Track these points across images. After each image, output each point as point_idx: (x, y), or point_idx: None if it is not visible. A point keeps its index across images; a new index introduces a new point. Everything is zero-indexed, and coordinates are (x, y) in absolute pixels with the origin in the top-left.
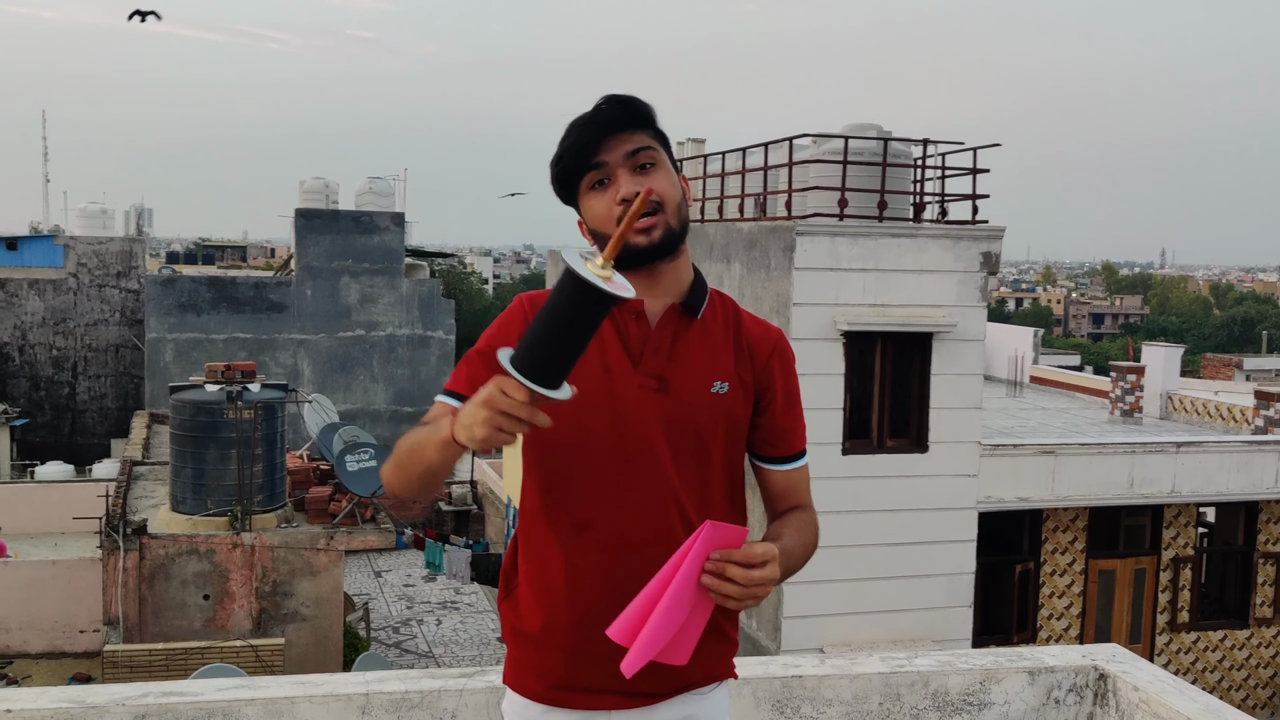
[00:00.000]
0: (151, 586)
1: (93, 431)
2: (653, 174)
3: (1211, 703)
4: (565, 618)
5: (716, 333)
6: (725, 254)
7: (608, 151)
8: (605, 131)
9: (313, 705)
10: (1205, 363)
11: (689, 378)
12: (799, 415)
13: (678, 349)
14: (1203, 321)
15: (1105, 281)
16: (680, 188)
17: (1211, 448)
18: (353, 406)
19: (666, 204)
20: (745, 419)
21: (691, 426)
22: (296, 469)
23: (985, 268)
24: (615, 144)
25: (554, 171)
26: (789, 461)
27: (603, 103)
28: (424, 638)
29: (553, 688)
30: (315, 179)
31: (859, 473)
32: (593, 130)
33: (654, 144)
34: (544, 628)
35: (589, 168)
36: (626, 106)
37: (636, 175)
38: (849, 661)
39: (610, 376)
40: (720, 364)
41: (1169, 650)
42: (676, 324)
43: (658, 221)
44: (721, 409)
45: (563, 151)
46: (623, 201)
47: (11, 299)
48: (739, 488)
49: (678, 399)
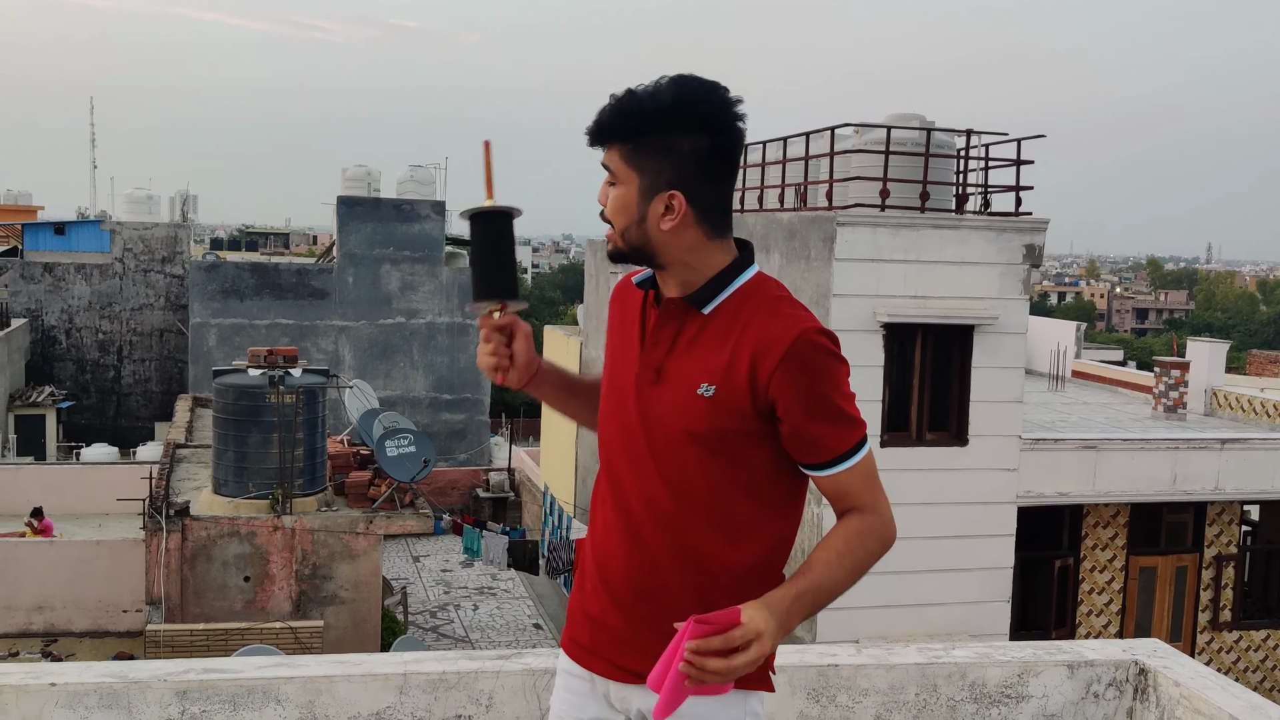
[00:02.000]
0: (193, 568)
1: (137, 414)
2: (612, 189)
3: (1254, 699)
4: (584, 578)
5: (721, 332)
6: (765, 244)
7: (606, 157)
8: (592, 141)
9: (351, 684)
10: (1251, 359)
11: (682, 374)
12: (830, 418)
13: (679, 343)
14: (1249, 318)
15: (1150, 276)
16: (636, 208)
17: (1257, 445)
18: (393, 393)
19: (612, 222)
20: (736, 425)
21: (671, 422)
22: (337, 454)
23: (1028, 260)
24: (603, 152)
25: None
26: (829, 467)
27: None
28: (461, 622)
29: (569, 641)
30: (357, 167)
31: (897, 465)
32: (589, 138)
33: (617, 161)
34: (578, 584)
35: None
36: (598, 122)
37: (606, 187)
38: (885, 651)
39: (626, 363)
40: (714, 365)
41: (1210, 649)
42: (681, 317)
43: (609, 236)
44: (702, 411)
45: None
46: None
47: (59, 283)
48: (737, 492)
49: (665, 393)
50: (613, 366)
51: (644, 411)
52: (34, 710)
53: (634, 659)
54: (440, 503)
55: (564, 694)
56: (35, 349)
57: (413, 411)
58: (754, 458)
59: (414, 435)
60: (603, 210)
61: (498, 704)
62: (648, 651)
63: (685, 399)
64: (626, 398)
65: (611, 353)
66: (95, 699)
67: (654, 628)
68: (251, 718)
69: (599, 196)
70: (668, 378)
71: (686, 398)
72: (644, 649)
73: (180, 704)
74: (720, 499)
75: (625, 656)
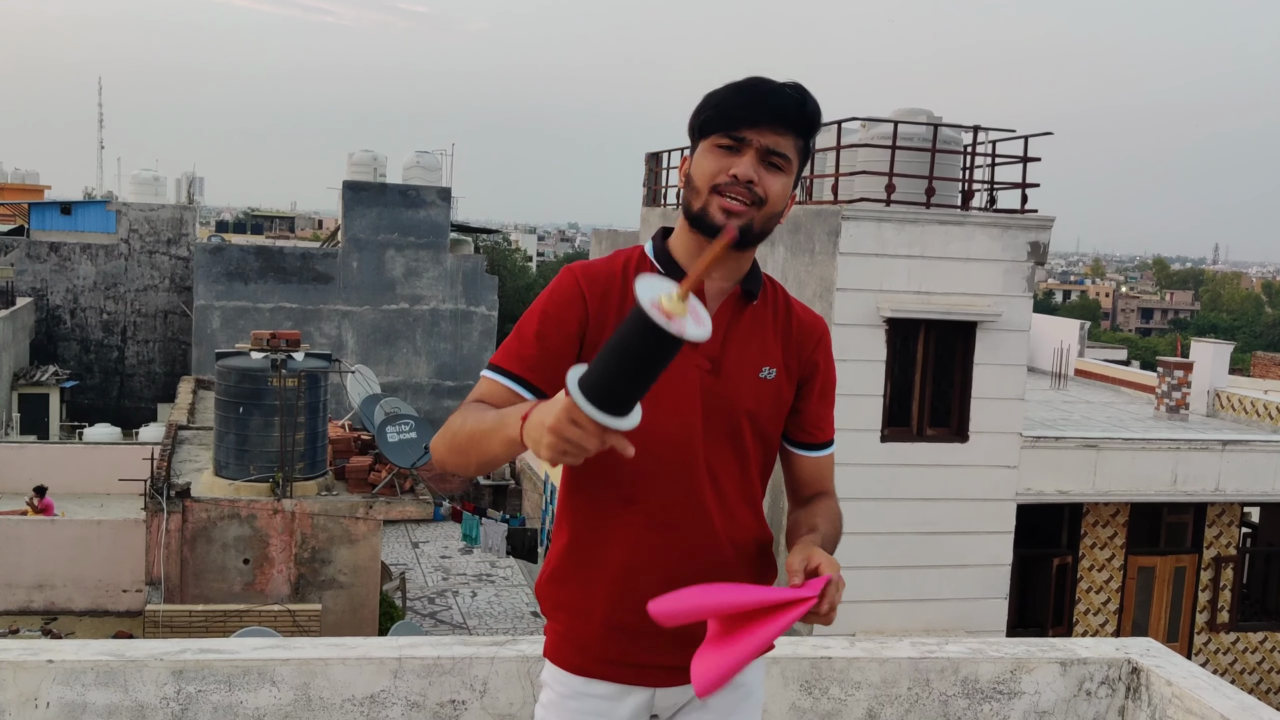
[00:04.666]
0: (193, 549)
1: (140, 395)
2: (774, 176)
3: (1247, 700)
4: (608, 591)
5: (768, 319)
6: (769, 236)
7: (757, 133)
8: (770, 119)
9: (346, 667)
10: (1255, 361)
11: (740, 361)
12: (832, 404)
13: (732, 333)
14: (1254, 320)
15: (1156, 276)
16: (787, 202)
17: (1258, 447)
18: (395, 379)
19: (766, 204)
20: (788, 404)
21: (736, 409)
22: (338, 438)
23: (1033, 258)
24: (768, 132)
25: (702, 113)
26: (820, 449)
27: (790, 89)
28: (459, 609)
29: (595, 660)
30: (363, 152)
31: (897, 460)
32: (762, 112)
33: (794, 156)
34: (587, 601)
35: (731, 135)
36: (802, 110)
37: (761, 167)
38: (879, 645)
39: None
40: (770, 350)
41: (1207, 650)
42: (734, 309)
43: (748, 213)
44: (768, 393)
45: (720, 104)
46: (732, 177)
47: (64, 263)
48: (771, 470)
49: (727, 382)
50: None
51: (708, 403)
52: (31, 686)
53: (687, 657)
54: (440, 489)
55: (585, 718)
56: (40, 328)
57: (414, 397)
58: (775, 437)
59: (415, 421)
60: (750, 184)
61: (492, 690)
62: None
63: (750, 384)
64: (675, 393)
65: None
66: (92, 676)
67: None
68: (247, 698)
69: (740, 171)
70: (727, 367)
71: (751, 383)
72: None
73: (176, 683)
74: (757, 480)
75: (682, 656)
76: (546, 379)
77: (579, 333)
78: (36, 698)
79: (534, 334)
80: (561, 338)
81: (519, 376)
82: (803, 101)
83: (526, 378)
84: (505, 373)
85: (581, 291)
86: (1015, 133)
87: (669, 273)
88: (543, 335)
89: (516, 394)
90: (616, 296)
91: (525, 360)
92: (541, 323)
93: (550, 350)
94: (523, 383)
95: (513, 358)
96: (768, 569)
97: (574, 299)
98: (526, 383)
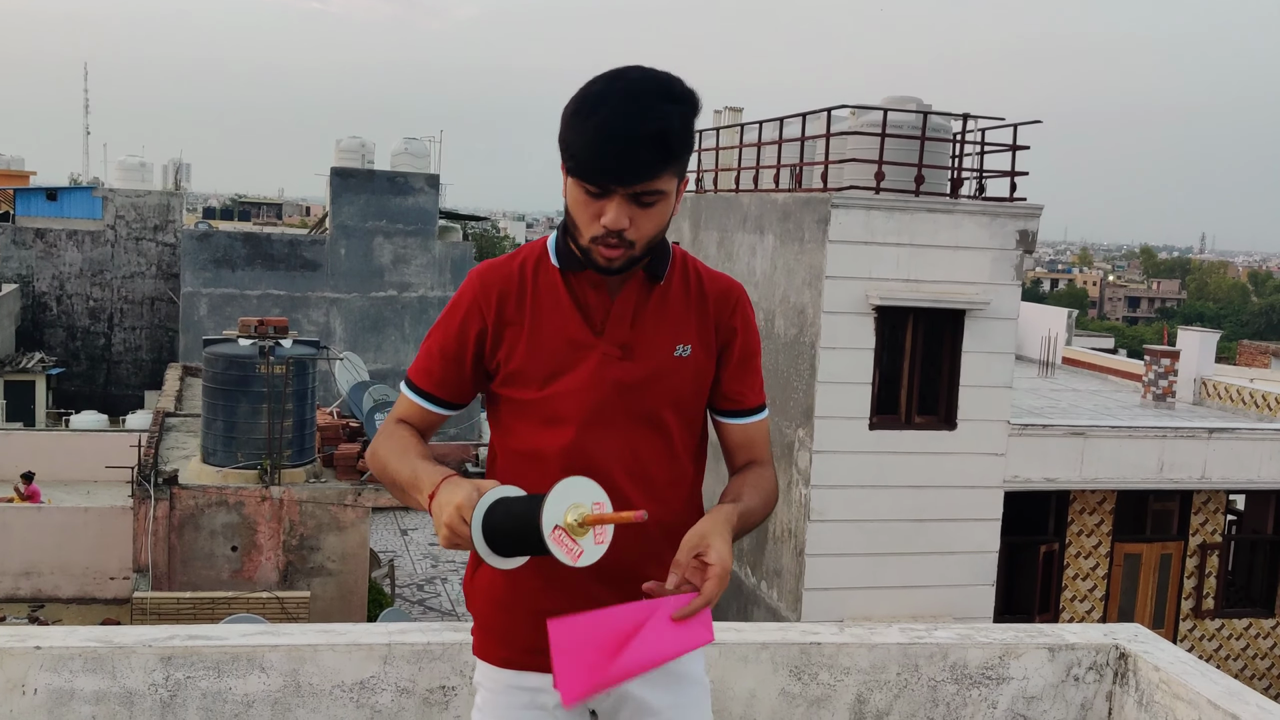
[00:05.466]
0: (181, 536)
1: (127, 382)
2: (647, 212)
3: (1233, 685)
4: (531, 580)
5: (678, 295)
6: (759, 225)
7: (622, 184)
8: (631, 176)
9: (335, 654)
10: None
11: (653, 344)
12: (757, 369)
13: (641, 316)
14: (1240, 308)
15: (1143, 265)
16: (668, 214)
17: (1244, 435)
18: (383, 366)
19: (637, 242)
20: (709, 378)
21: (653, 391)
22: (326, 425)
23: (1021, 246)
24: (633, 183)
25: (565, 149)
26: (748, 415)
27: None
28: (447, 596)
29: (522, 651)
30: (351, 138)
31: (886, 448)
32: (623, 171)
33: (668, 183)
34: (511, 594)
35: (596, 183)
36: (667, 152)
37: (632, 206)
38: (868, 631)
39: (574, 347)
40: (683, 326)
41: (1192, 636)
42: (640, 291)
43: (618, 255)
44: (686, 371)
45: (580, 158)
46: (604, 229)
47: (50, 249)
48: (702, 445)
49: (641, 365)
50: (548, 362)
51: (623, 390)
52: (18, 673)
53: None
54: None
55: (520, 711)
56: (26, 315)
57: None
58: (700, 413)
59: None
60: (621, 233)
61: None
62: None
63: (666, 364)
64: (587, 383)
65: (533, 342)
66: (80, 663)
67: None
68: (235, 685)
69: (609, 221)
70: (638, 351)
71: (667, 363)
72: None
73: (164, 669)
74: (687, 460)
75: None
76: (453, 393)
77: (477, 344)
78: (24, 684)
79: (439, 350)
80: (462, 350)
81: (429, 394)
82: (665, 142)
83: (435, 394)
84: (418, 390)
85: (478, 302)
86: (1004, 121)
87: (567, 266)
88: (444, 352)
89: (430, 411)
90: (514, 298)
91: (433, 376)
92: (444, 339)
93: (452, 365)
94: (433, 399)
95: (423, 374)
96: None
97: (471, 312)
98: (436, 399)
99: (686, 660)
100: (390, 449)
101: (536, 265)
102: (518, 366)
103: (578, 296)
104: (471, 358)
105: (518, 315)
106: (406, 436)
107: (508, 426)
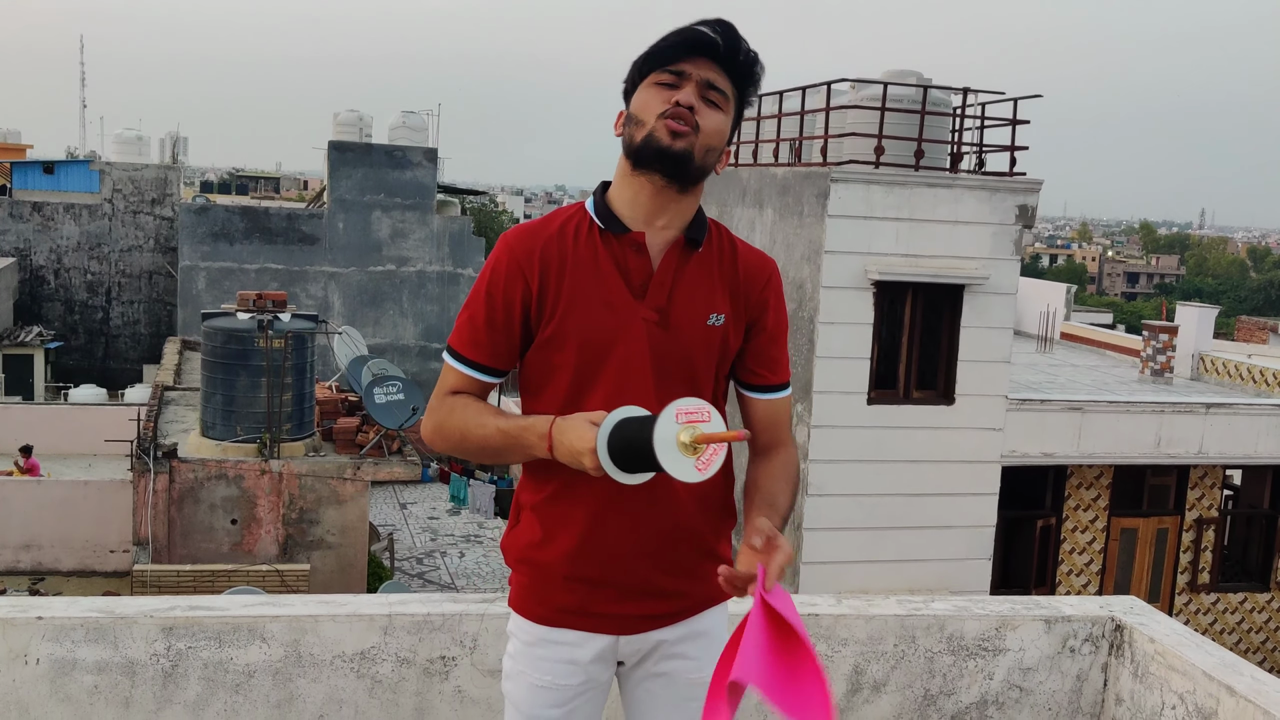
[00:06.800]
0: (180, 509)
1: (125, 356)
2: (712, 111)
3: (1228, 657)
4: (570, 546)
5: (714, 265)
6: (758, 199)
7: (695, 66)
8: (707, 53)
9: (336, 624)
10: (1240, 325)
11: (688, 310)
12: (785, 346)
13: (679, 282)
14: (1239, 284)
15: (1142, 241)
16: (725, 141)
17: (1241, 410)
18: (382, 340)
19: (703, 135)
20: (735, 349)
21: (686, 358)
22: (325, 399)
23: (1020, 221)
24: (705, 66)
25: (640, 60)
26: (774, 391)
27: (719, 26)
28: (446, 569)
29: (557, 611)
30: (349, 112)
31: (884, 423)
32: (699, 46)
33: (731, 97)
34: (550, 555)
35: (670, 70)
36: (736, 47)
37: (699, 99)
38: (865, 603)
39: (613, 310)
40: (717, 296)
41: (1188, 610)
42: (679, 257)
43: (684, 133)
44: (716, 340)
45: (659, 43)
46: (675, 103)
47: (47, 223)
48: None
49: (676, 331)
50: (586, 324)
51: (660, 355)
52: (21, 643)
53: (660, 604)
54: (428, 451)
55: (552, 664)
56: (23, 289)
57: (402, 359)
58: (725, 382)
59: (403, 383)
60: (691, 110)
61: (481, 646)
62: (671, 592)
63: (699, 332)
64: (625, 346)
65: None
66: (82, 633)
67: (679, 568)
68: (237, 654)
69: (683, 97)
70: (675, 316)
71: (700, 331)
72: (668, 592)
73: (166, 639)
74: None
75: (641, 606)
76: (504, 360)
77: (523, 307)
78: (26, 654)
79: (484, 319)
80: (509, 315)
81: (479, 364)
82: (736, 41)
83: (486, 363)
84: (466, 361)
85: (520, 265)
86: (1004, 95)
87: (609, 227)
88: (491, 319)
89: (483, 381)
90: (555, 260)
91: (480, 347)
92: (489, 306)
93: (500, 332)
94: (483, 369)
95: (469, 344)
96: (728, 518)
97: (513, 275)
98: (487, 368)
99: (709, 617)
100: (466, 417)
101: (577, 228)
102: (556, 329)
103: (618, 258)
104: (520, 321)
105: (559, 277)
106: (477, 403)
107: (539, 389)
